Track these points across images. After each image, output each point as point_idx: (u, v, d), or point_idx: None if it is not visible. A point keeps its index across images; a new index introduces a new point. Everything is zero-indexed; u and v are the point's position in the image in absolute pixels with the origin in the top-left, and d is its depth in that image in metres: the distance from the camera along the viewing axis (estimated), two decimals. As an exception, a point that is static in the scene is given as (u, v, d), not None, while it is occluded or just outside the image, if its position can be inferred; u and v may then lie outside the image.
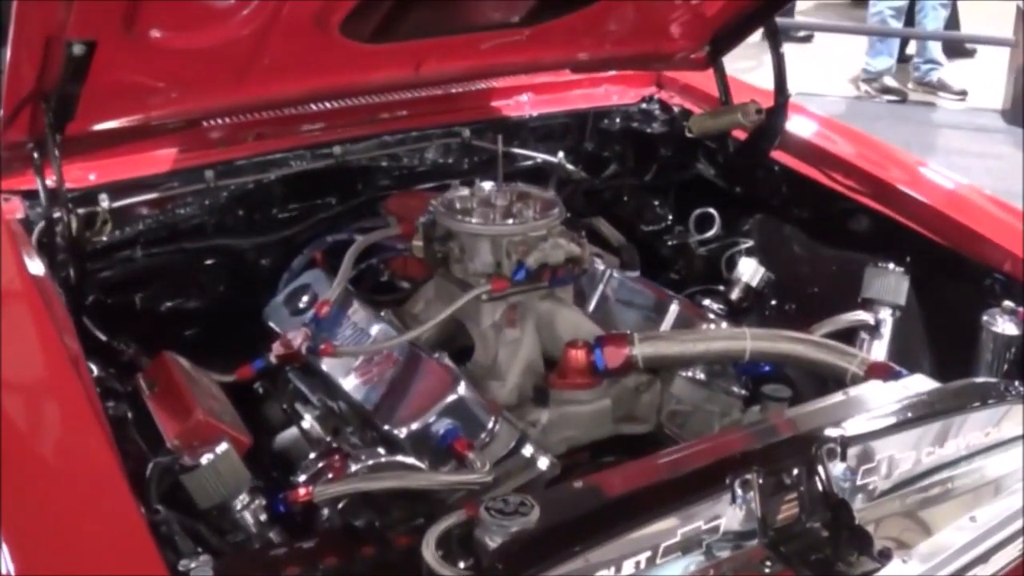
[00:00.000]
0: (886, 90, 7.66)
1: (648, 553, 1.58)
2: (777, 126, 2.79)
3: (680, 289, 2.73)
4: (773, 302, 2.79)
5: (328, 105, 2.73)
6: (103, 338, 2.30)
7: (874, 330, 2.42)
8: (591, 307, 2.55)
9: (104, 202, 2.42)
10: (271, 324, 2.47)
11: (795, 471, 1.71)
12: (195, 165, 2.58)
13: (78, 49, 1.89)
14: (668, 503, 1.62)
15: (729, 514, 1.66)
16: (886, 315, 2.44)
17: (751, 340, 2.17)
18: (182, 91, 2.23)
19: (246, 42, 2.11)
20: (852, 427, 1.79)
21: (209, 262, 2.63)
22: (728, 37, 2.86)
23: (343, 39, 2.22)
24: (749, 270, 2.76)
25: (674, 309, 2.42)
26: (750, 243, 2.86)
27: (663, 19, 2.76)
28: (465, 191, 2.44)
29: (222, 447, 1.77)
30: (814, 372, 2.22)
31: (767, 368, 2.29)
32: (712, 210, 2.96)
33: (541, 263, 2.24)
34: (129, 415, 2.02)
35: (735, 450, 1.74)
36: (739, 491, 1.66)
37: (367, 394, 2.15)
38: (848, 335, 2.39)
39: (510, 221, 2.31)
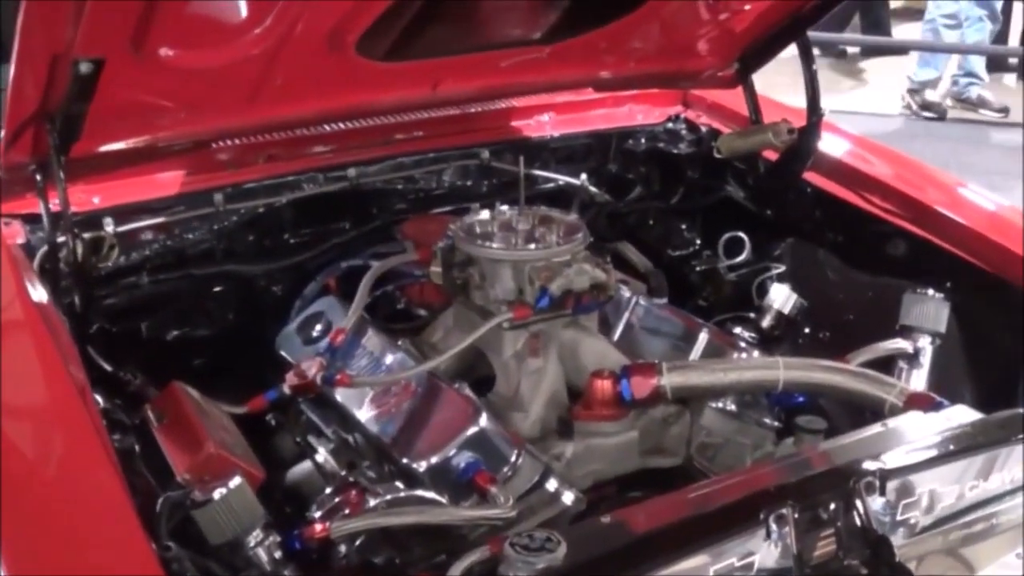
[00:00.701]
0: (926, 106, 7.69)
1: (680, 591, 1.60)
2: (810, 146, 2.82)
3: (708, 316, 2.75)
4: (806, 330, 2.80)
5: (342, 126, 2.76)
6: (108, 368, 2.33)
7: (913, 359, 2.43)
8: (616, 336, 2.57)
9: (109, 226, 2.46)
10: (283, 353, 2.50)
11: (832, 506, 1.72)
12: (203, 188, 2.62)
13: (85, 67, 1.92)
14: (699, 540, 1.64)
15: (763, 551, 1.67)
16: (925, 343, 2.45)
17: (784, 369, 2.18)
18: (191, 112, 2.27)
19: (258, 61, 2.14)
20: (892, 460, 1.80)
21: (217, 289, 2.66)
22: (758, 54, 2.89)
23: (357, 58, 2.26)
24: (781, 296, 2.77)
25: (703, 337, 2.44)
26: (782, 268, 2.88)
27: (690, 36, 2.80)
28: (485, 215, 2.47)
29: (235, 481, 1.79)
30: (850, 403, 2.23)
31: (801, 399, 2.31)
32: (742, 234, 2.98)
33: (565, 290, 2.26)
34: (136, 448, 2.04)
35: (769, 484, 1.76)
36: (774, 526, 1.68)
37: (384, 426, 2.17)
38: (886, 364, 2.40)
39: (532, 246, 2.33)
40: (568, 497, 2.07)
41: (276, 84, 2.24)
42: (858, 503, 1.73)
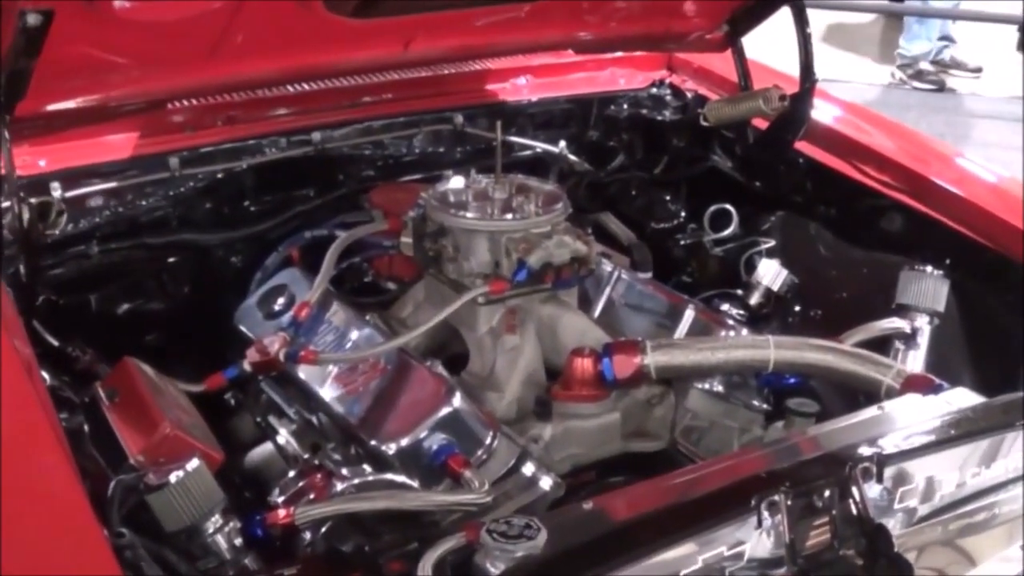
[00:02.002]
0: (919, 76, 7.72)
1: (665, 581, 1.59)
2: (802, 114, 2.81)
3: (693, 293, 2.73)
4: (797, 308, 2.80)
5: (306, 87, 2.73)
6: (55, 343, 2.29)
7: (910, 339, 2.42)
8: (596, 312, 2.56)
9: (57, 191, 2.42)
10: (243, 328, 2.47)
11: (827, 493, 1.71)
12: (158, 152, 2.58)
13: (33, 19, 1.87)
14: (687, 527, 1.63)
15: (754, 539, 1.66)
16: (923, 323, 2.45)
17: (775, 349, 2.17)
18: (145, 68, 2.23)
19: (219, 15, 2.11)
20: (889, 444, 1.80)
21: (172, 259, 2.63)
22: (749, 16, 2.87)
23: (325, 12, 2.22)
24: (770, 273, 2.76)
25: (689, 314, 2.43)
26: (771, 243, 2.87)
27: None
28: (459, 182, 2.45)
29: (193, 464, 1.77)
30: (844, 385, 2.23)
31: (792, 380, 2.30)
32: (729, 206, 2.97)
33: (544, 263, 2.25)
34: (86, 428, 2.01)
35: (760, 469, 1.75)
36: (765, 514, 1.67)
37: (351, 406, 2.15)
38: (882, 344, 2.40)
39: (510, 216, 2.32)
40: (546, 482, 2.06)
41: (237, 40, 2.20)
42: (854, 490, 1.73)
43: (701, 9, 2.86)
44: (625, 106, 3.16)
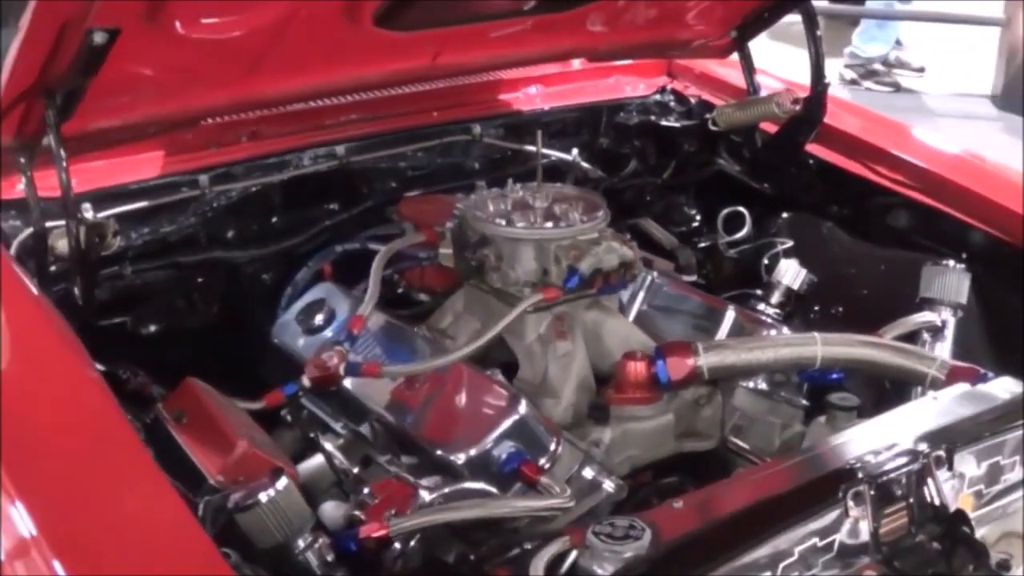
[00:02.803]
0: (871, 76, 7.89)
1: (768, 574, 1.65)
2: (815, 117, 2.89)
3: (709, 294, 2.79)
4: (816, 307, 2.87)
5: (325, 102, 2.76)
6: (100, 367, 2.29)
7: (938, 332, 2.51)
8: (631, 317, 2.61)
9: (88, 212, 2.42)
10: (282, 344, 2.49)
11: (904, 481, 1.78)
12: (187, 170, 2.60)
13: (100, 38, 1.88)
14: (781, 521, 1.69)
15: (843, 529, 1.73)
16: (948, 316, 2.52)
17: (822, 346, 2.24)
18: (189, 85, 2.24)
19: (267, 31, 2.13)
20: (955, 433, 1.87)
21: (204, 277, 2.65)
22: (757, 21, 2.95)
23: (370, 26, 2.26)
24: (790, 272, 2.81)
25: (730, 315, 2.49)
26: (789, 243, 2.93)
27: (690, 2, 2.84)
28: (495, 192, 2.49)
29: (283, 482, 1.77)
30: (889, 378, 2.30)
31: (835, 376, 2.37)
32: (742, 209, 3.04)
33: (594, 269, 2.29)
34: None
35: (840, 462, 1.81)
36: (851, 504, 1.73)
37: (412, 418, 2.18)
38: (910, 338, 2.48)
39: (551, 224, 2.36)
40: (609, 485, 2.10)
41: (280, 55, 2.22)
42: (929, 479, 1.80)
43: (711, 16, 2.93)
44: (634, 113, 3.23)
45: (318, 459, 2.29)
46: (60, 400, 1.78)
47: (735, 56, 3.05)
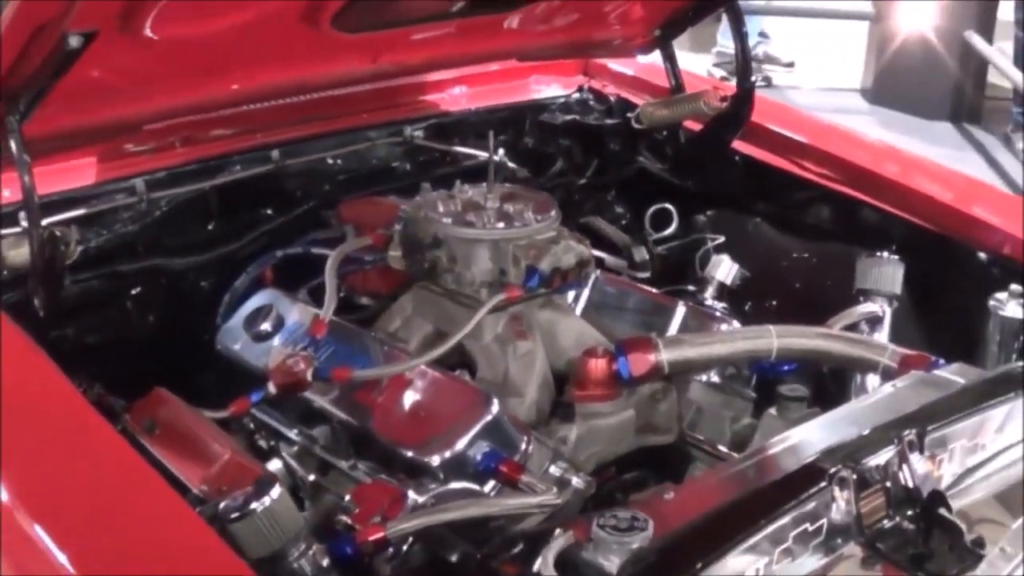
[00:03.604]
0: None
1: (766, 559, 1.72)
2: (742, 114, 2.98)
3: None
4: (749, 302, 2.96)
5: (260, 106, 2.74)
6: None
7: (877, 322, 2.62)
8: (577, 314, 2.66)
9: (24, 221, 2.37)
10: (227, 351, 2.48)
11: (881, 465, 1.88)
12: (122, 176, 2.57)
13: (75, 41, 1.85)
14: (774, 508, 1.76)
15: (829, 514, 1.81)
16: (884, 306, 2.64)
17: (777, 338, 2.33)
18: (144, 89, 2.23)
19: (230, 34, 2.13)
20: (923, 417, 1.98)
21: (143, 286, 2.62)
22: (681, 20, 3.03)
23: (324, 29, 2.27)
24: (723, 267, 2.90)
25: (680, 311, 2.56)
26: (721, 239, 3.02)
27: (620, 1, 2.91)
28: (444, 194, 2.52)
29: (276, 490, 1.77)
30: (842, 368, 2.40)
31: (786, 367, 2.46)
32: (669, 206, 3.12)
33: (554, 268, 2.34)
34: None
35: (822, 448, 1.89)
36: (836, 489, 1.81)
37: (378, 421, 2.19)
38: (851, 329, 2.59)
39: (505, 224, 2.40)
40: (578, 481, 2.13)
41: (239, 57, 2.22)
42: (904, 464, 1.89)
43: (636, 16, 3.01)
44: (557, 113, 3.29)
45: (274, 465, 2.28)
46: (48, 411, 1.76)
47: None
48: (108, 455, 1.75)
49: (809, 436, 2.00)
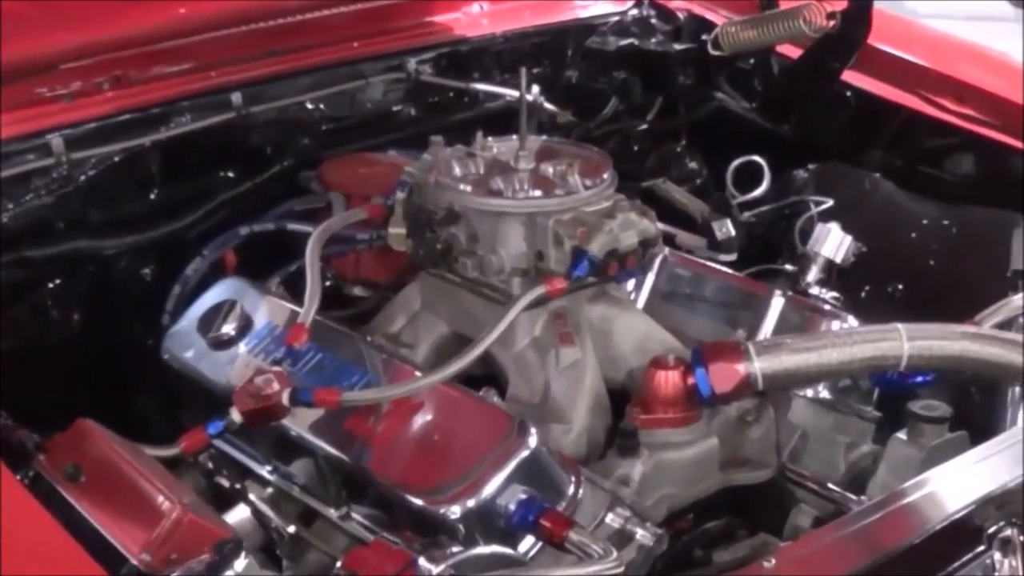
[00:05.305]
0: None
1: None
2: (856, 36, 2.91)
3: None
4: (867, 285, 2.88)
5: (212, 35, 2.70)
6: None
7: (1041, 315, 2.54)
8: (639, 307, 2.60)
9: None
10: (175, 362, 2.43)
11: None
12: (31, 131, 2.52)
13: None
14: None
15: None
16: (1053, 294, 2.56)
17: (908, 340, 2.23)
18: (50, 19, 2.18)
19: None
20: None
21: (61, 277, 2.59)
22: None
23: None
24: (832, 240, 2.81)
25: (777, 303, 2.50)
26: (828, 202, 2.94)
27: None
28: (461, 150, 2.46)
29: (242, 562, 1.75)
30: (995, 380, 2.33)
31: (921, 379, 2.37)
32: (758, 159, 3.03)
33: (609, 250, 2.27)
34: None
35: (977, 495, 1.82)
36: (998, 554, 1.74)
37: (377, 457, 2.12)
38: (1006, 326, 2.49)
39: (544, 192, 2.34)
40: (645, 535, 2.07)
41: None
42: None
43: None
44: (609, 36, 3.23)
45: (240, 514, 2.23)
46: None
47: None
48: (9, 516, 1.70)
49: (957, 478, 1.93)
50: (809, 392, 2.39)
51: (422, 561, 1.87)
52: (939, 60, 2.99)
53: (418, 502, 2.04)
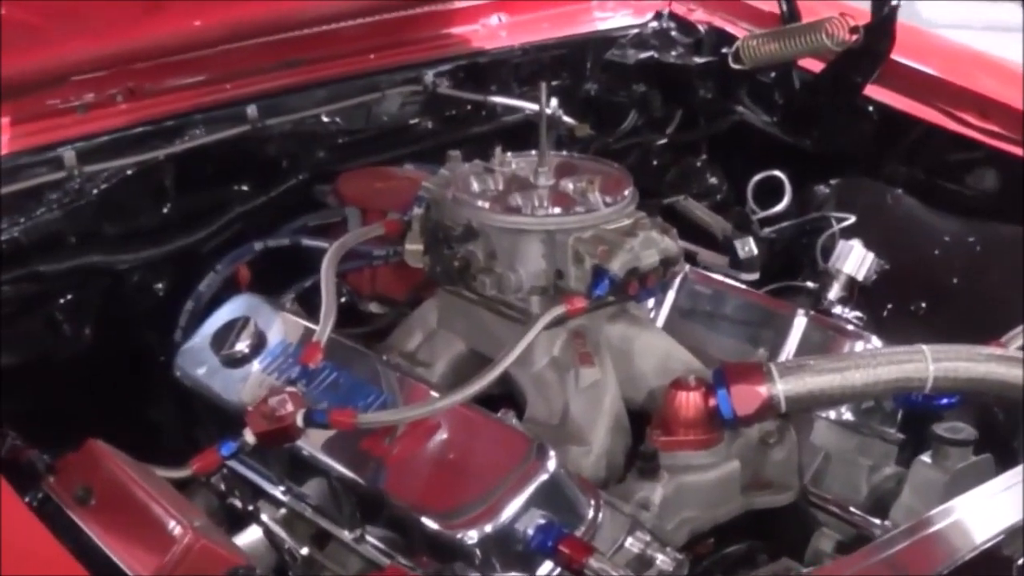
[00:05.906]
0: None
1: None
2: (879, 49, 2.88)
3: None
4: (889, 303, 2.85)
5: (227, 47, 2.69)
6: None
7: (1072, 334, 2.50)
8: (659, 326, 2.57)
9: None
10: (188, 379, 2.41)
11: None
12: (45, 143, 2.51)
13: None
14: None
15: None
16: (1084, 314, 2.53)
17: (933, 362, 2.20)
18: (73, 28, 2.19)
19: None
20: None
21: (74, 292, 2.58)
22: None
23: None
24: (854, 257, 2.79)
25: (800, 322, 2.47)
26: (850, 218, 2.91)
27: None
28: (479, 166, 2.44)
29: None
30: (1012, 402, 2.29)
31: (946, 401, 2.34)
32: (779, 173, 3.01)
33: (630, 269, 2.24)
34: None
35: (1005, 524, 1.78)
36: (1028, 585, 1.71)
37: (392, 479, 2.10)
38: None
39: (563, 209, 2.31)
40: (665, 561, 2.04)
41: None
42: None
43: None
44: (629, 48, 3.21)
45: (252, 535, 2.21)
46: None
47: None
48: (14, 541, 1.68)
49: (984, 505, 1.88)
50: (832, 413, 2.35)
51: (441, 591, 1.87)
52: (960, 73, 2.96)
53: (434, 526, 2.01)
